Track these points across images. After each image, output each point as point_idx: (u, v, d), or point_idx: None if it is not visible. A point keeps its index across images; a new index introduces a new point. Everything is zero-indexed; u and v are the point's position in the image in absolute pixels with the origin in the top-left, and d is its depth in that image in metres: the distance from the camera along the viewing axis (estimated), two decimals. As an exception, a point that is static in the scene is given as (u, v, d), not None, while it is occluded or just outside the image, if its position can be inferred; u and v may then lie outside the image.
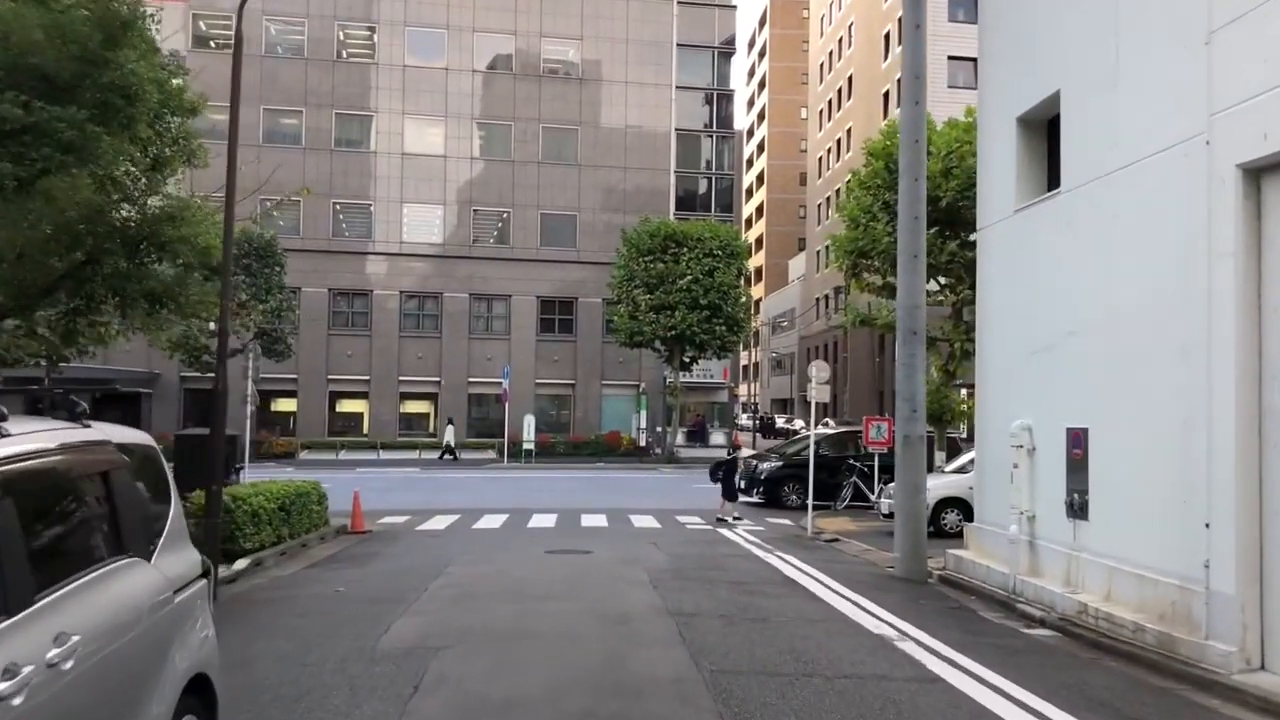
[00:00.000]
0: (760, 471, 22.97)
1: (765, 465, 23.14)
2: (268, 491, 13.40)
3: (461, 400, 45.67)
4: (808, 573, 12.41)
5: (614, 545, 14.91)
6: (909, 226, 12.66)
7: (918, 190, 12.65)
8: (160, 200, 10.50)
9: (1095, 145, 9.97)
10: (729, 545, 15.38)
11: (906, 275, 12.67)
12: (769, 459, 23.78)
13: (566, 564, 12.70)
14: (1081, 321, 10.15)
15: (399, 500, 22.52)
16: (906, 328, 12.65)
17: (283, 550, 13.32)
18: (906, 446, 12.64)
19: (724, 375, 52.32)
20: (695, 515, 20.16)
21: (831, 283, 62.95)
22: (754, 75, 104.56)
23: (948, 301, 22.20)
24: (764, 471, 22.92)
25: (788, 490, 22.43)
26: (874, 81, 57.91)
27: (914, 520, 12.57)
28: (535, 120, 46.96)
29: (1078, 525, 10.15)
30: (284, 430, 42.89)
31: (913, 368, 12.59)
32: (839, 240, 22.85)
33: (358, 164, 45.61)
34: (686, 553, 14.11)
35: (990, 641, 8.90)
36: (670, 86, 48.78)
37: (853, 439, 24.48)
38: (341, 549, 14.53)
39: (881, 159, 21.94)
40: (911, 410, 12.56)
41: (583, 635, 8.36)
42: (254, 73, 44.61)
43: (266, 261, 35.44)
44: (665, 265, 37.37)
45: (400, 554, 13.81)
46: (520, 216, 46.72)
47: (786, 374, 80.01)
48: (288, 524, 13.93)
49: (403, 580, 11.18)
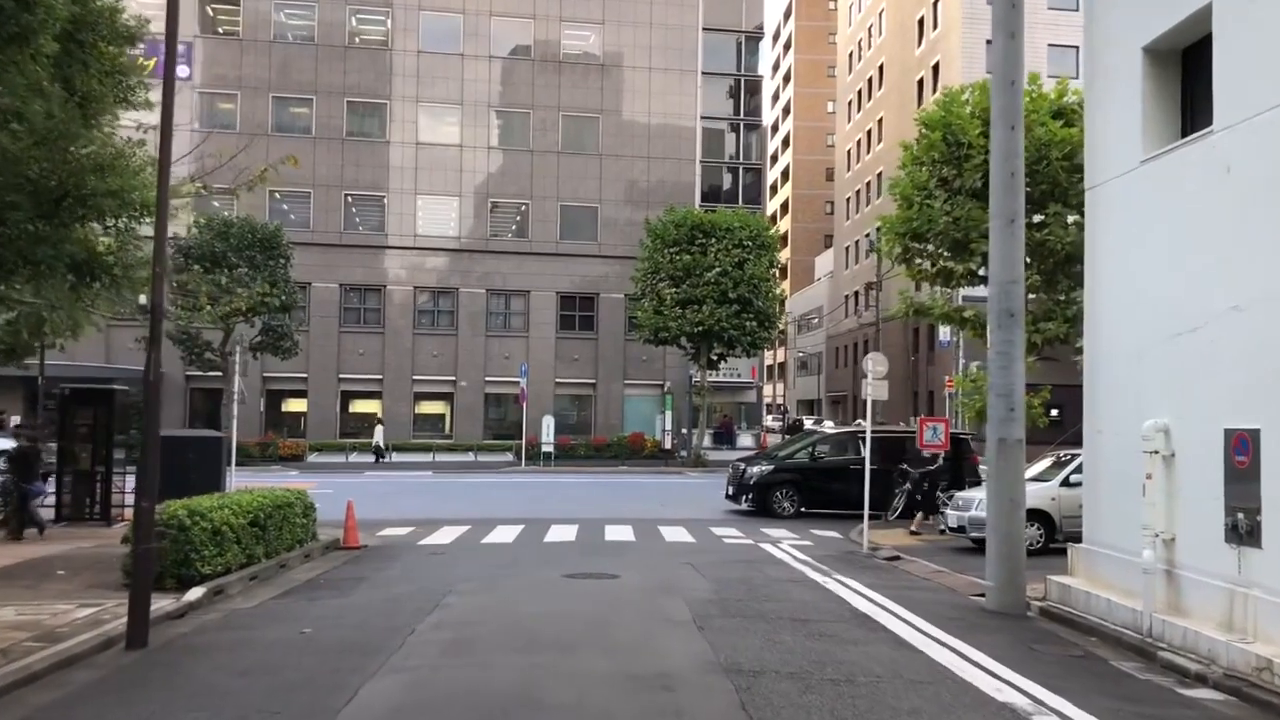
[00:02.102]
0: (749, 476, 20.61)
1: (755, 469, 20.76)
2: (237, 504, 11.34)
3: (478, 400, 43.70)
4: (881, 604, 10.23)
5: (644, 566, 12.78)
6: (1004, 185, 10.44)
7: (1014, 141, 10.45)
8: (91, 147, 8.44)
9: (1268, 67, 7.75)
10: (778, 566, 13.20)
11: (1002, 244, 10.46)
12: (758, 462, 21.43)
13: (589, 594, 10.55)
14: (1247, 293, 7.93)
15: (405, 508, 20.49)
16: (1001, 308, 10.43)
17: (254, 574, 11.25)
18: (1002, 453, 10.42)
19: (752, 374, 50.15)
20: (731, 527, 18.00)
21: (862, 278, 60.61)
22: (778, 69, 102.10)
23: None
24: (753, 476, 20.55)
25: (779, 497, 20.22)
26: (907, 69, 55.49)
27: (1010, 542, 10.35)
28: (555, 109, 44.92)
29: (1244, 553, 7.91)
30: (294, 431, 41.03)
31: (1009, 356, 10.38)
32: (889, 221, 20.62)
33: (370, 154, 43.71)
34: (730, 576, 11.94)
35: (1151, 714, 6.71)
36: (695, 73, 46.64)
37: (897, 442, 22.31)
38: (327, 570, 12.46)
39: (939, 130, 19.71)
40: (1008, 409, 10.34)
41: (612, 714, 6.21)
42: (262, 60, 42.94)
43: (271, 253, 33.54)
44: (692, 257, 35.17)
45: (394, 578, 11.72)
46: (539, 209, 44.69)
47: (812, 375, 77.63)
48: (263, 541, 11.88)
49: (388, 616, 9.09)
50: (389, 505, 21.30)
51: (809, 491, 20.35)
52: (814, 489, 20.39)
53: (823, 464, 20.78)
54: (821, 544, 16.19)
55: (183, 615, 9.14)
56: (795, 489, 20.31)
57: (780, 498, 20.24)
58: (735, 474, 21.26)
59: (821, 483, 20.46)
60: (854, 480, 20.32)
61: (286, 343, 34.72)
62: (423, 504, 21.56)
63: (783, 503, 20.19)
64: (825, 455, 21.02)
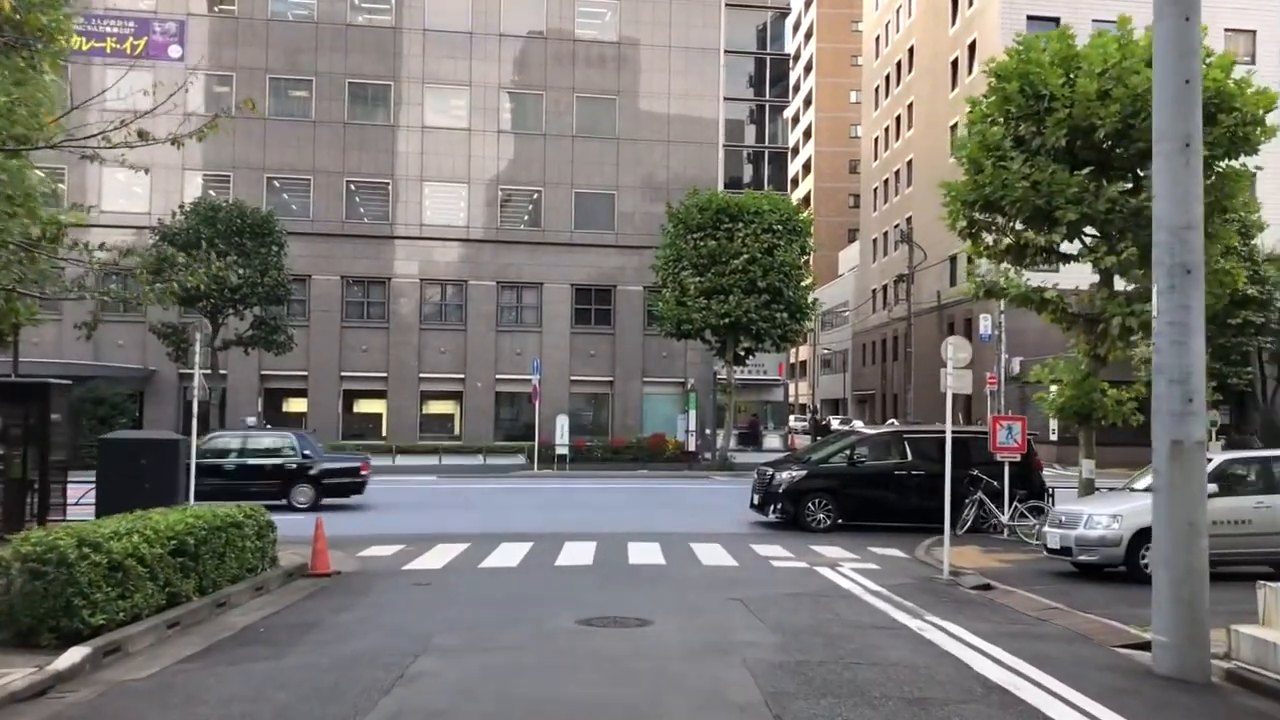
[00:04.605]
0: (778, 483, 17.74)
1: (784, 475, 17.86)
2: (154, 527, 8.68)
3: (488, 399, 41.09)
4: (1013, 668, 7.46)
5: (681, 605, 10.04)
6: (1175, 96, 7.67)
7: (1189, 37, 7.67)
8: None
9: None
10: (850, 603, 10.43)
11: (1172, 177, 7.69)
12: (788, 467, 18.51)
13: (614, 657, 7.69)
14: None
15: (400, 521, 17.88)
16: (1173, 262, 7.66)
17: (173, 619, 8.59)
18: (1177, 459, 7.64)
19: (779, 371, 47.37)
20: (774, 543, 15.23)
21: (892, 271, 57.80)
22: (799, 58, 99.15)
23: (1102, 263, 17.07)
24: (782, 483, 17.68)
25: (814, 508, 17.41)
26: (939, 51, 52.59)
27: (1191, 583, 7.58)
28: (569, 90, 42.28)
29: None
30: (293, 433, 38.47)
31: (1185, 328, 7.60)
32: (955, 188, 17.77)
33: (374, 139, 41.18)
34: (797, 622, 9.18)
35: None
36: (718, 51, 43.91)
37: (961, 444, 19.50)
38: (277, 610, 9.77)
39: (1014, 80, 16.87)
40: (1185, 399, 7.57)
41: None
42: (258, 38, 40.45)
43: (262, 240, 31.05)
44: (717, 243, 32.38)
45: (355, 624, 9.04)
46: (552, 196, 42.05)
47: (836, 372, 74.75)
48: (193, 574, 9.23)
49: (324, 700, 6.35)
50: (383, 517, 18.71)
51: (848, 500, 17.58)
52: (853, 498, 17.62)
53: (864, 469, 17.99)
54: (888, 567, 13.45)
55: (42, 693, 6.49)
56: (832, 498, 17.54)
57: (814, 508, 17.42)
58: (762, 480, 18.43)
59: (862, 490, 17.70)
60: (899, 488, 17.65)
61: (280, 336, 32.24)
62: (420, 516, 18.93)
63: (817, 514, 17.38)
64: (866, 459, 18.23)
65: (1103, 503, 13.15)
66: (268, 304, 31.55)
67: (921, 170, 54.57)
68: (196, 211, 30.69)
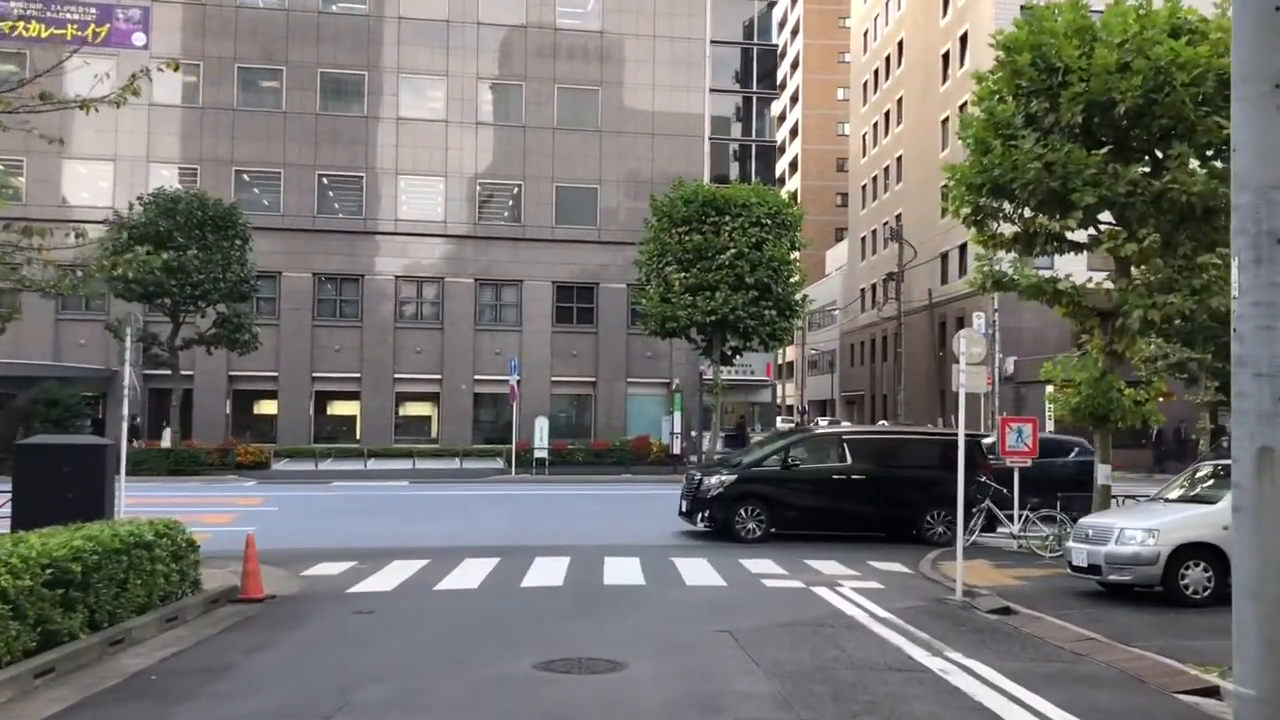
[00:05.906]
0: (705, 489, 16.26)
1: (712, 480, 16.39)
2: (22, 555, 7.19)
3: (467, 401, 39.58)
4: (1065, 728, 6.10)
5: (662, 639, 8.60)
6: (1261, 25, 6.27)
7: (1276, -45, 6.30)
8: None
9: None
10: (858, 635, 9.01)
11: (1258, 126, 6.27)
12: (717, 471, 17.06)
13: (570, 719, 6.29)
14: None
15: (360, 531, 16.41)
16: (1260, 229, 6.22)
17: (44, 666, 7.09)
18: (1265, 470, 6.22)
19: (767, 372, 46.05)
20: (765, 558, 13.78)
21: (881, 270, 56.62)
22: (785, 55, 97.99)
23: (1121, 250, 15.72)
24: (711, 489, 16.19)
25: (744, 516, 15.86)
26: (929, 45, 51.39)
27: (1282, 621, 6.18)
28: (550, 81, 40.79)
29: None
30: (264, 435, 36.92)
31: (1275, 309, 6.21)
32: (960, 171, 16.39)
33: (347, 131, 39.60)
34: (798, 662, 7.75)
35: None
36: (704, 41, 42.51)
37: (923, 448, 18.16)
38: (184, 648, 8.27)
39: (1025, 52, 15.52)
40: (1275, 398, 6.17)
41: None
42: (226, 26, 38.84)
43: (224, 233, 29.49)
44: (704, 237, 30.92)
45: (269, 668, 7.56)
46: (533, 190, 40.57)
47: (823, 373, 73.54)
48: (81, 607, 7.74)
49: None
50: (341, 527, 17.24)
51: (781, 508, 16.12)
52: (788, 505, 16.15)
53: (799, 473, 16.41)
54: (893, 585, 12.05)
55: None
56: (764, 505, 15.99)
57: (745, 516, 15.87)
58: (690, 485, 16.90)
59: (797, 498, 16.23)
60: (838, 494, 16.16)
61: (244, 335, 30.68)
62: (383, 526, 17.46)
63: (748, 523, 15.82)
64: (802, 462, 16.71)
65: (1135, 515, 11.77)
66: (231, 301, 30.00)
67: (911, 166, 53.43)
68: (156, 203, 29.14)
